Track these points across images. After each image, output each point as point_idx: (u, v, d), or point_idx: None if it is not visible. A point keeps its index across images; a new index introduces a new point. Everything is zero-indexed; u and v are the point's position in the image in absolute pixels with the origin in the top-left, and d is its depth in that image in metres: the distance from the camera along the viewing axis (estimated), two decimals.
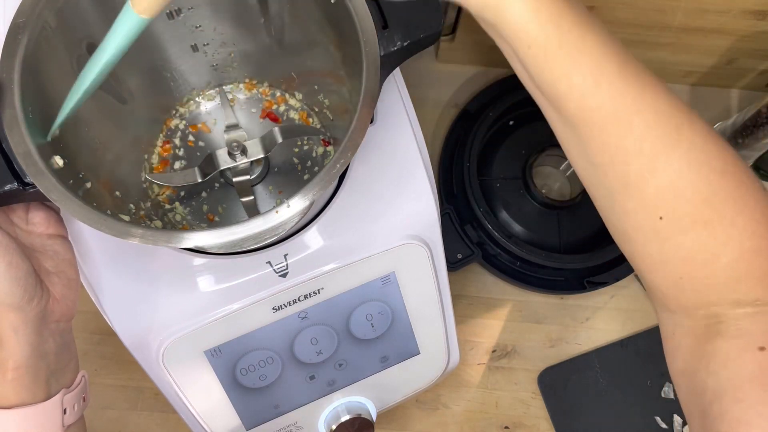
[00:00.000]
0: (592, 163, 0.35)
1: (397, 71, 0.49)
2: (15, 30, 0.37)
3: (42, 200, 0.37)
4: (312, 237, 0.47)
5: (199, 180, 0.47)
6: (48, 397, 0.39)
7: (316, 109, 0.52)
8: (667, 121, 0.32)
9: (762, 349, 0.32)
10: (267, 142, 0.47)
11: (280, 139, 0.46)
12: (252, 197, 0.48)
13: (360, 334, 0.51)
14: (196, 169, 0.47)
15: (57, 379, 0.41)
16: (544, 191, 0.71)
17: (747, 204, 0.32)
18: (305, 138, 0.51)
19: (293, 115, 0.52)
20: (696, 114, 0.33)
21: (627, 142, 0.32)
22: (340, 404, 0.53)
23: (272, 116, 0.52)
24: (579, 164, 0.37)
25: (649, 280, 0.37)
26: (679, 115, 0.32)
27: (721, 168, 0.32)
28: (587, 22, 0.32)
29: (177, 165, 0.51)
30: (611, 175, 0.34)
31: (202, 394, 0.49)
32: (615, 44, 0.33)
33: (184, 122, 0.52)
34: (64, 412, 0.40)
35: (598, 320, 0.73)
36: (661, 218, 0.33)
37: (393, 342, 0.52)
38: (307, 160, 0.51)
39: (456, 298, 0.72)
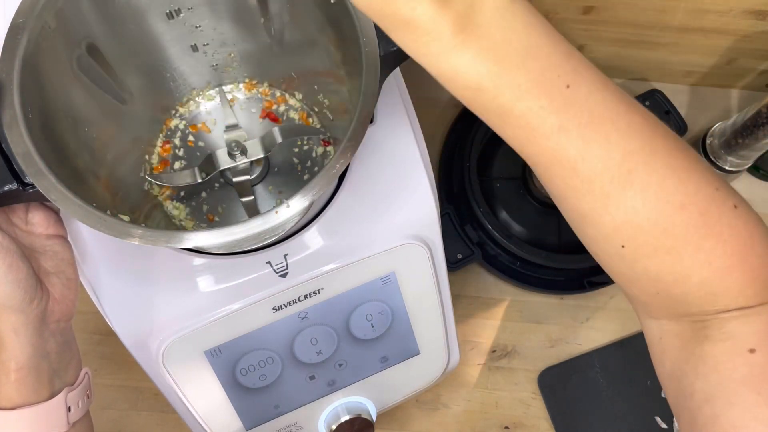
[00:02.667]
0: (550, 192, 0.34)
1: (397, 71, 0.49)
2: (15, 30, 0.37)
3: (42, 200, 0.36)
4: (312, 237, 0.47)
5: (199, 180, 0.47)
6: (51, 396, 0.40)
7: (316, 109, 0.52)
8: (616, 167, 0.31)
9: (752, 351, 0.31)
10: (267, 142, 0.47)
11: (279, 139, 0.46)
12: (252, 197, 0.48)
13: (360, 334, 0.51)
14: (196, 169, 0.47)
15: (60, 377, 0.41)
16: (543, 191, 0.71)
17: (712, 229, 0.31)
18: (305, 138, 0.51)
19: (293, 115, 0.52)
20: (661, 146, 0.31)
21: (574, 183, 0.31)
22: (340, 404, 0.53)
23: (272, 116, 0.52)
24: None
25: (627, 292, 0.37)
26: (632, 159, 0.31)
27: (680, 201, 0.31)
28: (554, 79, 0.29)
29: (177, 165, 0.51)
30: (566, 206, 0.34)
31: (202, 394, 0.49)
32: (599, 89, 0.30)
33: (184, 122, 0.52)
34: (69, 409, 0.40)
35: (598, 320, 0.73)
36: (623, 246, 0.33)
37: (393, 342, 0.52)
38: (307, 160, 0.51)
39: (456, 298, 0.72)
